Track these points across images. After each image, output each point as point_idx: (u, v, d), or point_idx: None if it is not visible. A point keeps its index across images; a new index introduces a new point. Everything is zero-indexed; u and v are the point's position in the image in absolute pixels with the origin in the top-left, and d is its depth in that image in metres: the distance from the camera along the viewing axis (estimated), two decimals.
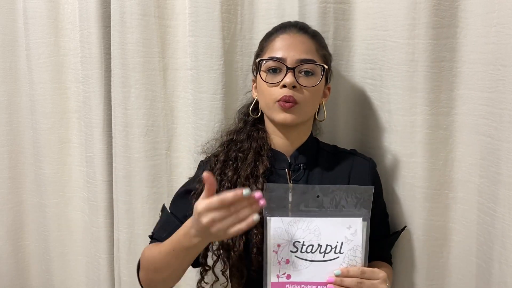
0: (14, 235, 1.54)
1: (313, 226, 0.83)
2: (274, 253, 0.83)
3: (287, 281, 0.83)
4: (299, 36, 0.99)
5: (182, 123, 1.28)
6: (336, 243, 0.83)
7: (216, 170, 1.02)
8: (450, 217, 1.08)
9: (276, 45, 0.99)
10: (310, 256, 0.83)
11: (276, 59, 0.97)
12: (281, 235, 0.83)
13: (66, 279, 1.51)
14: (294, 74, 0.95)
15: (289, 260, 0.83)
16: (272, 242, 0.83)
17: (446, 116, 1.04)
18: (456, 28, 1.01)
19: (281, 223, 0.83)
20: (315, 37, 1.02)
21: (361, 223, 0.83)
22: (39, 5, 1.36)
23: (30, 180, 1.52)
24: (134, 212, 1.30)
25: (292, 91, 0.95)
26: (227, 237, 0.79)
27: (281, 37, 0.99)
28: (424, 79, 1.02)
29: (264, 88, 0.98)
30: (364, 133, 1.17)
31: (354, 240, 0.83)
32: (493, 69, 0.96)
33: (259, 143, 1.03)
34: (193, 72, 1.21)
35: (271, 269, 0.83)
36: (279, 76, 0.96)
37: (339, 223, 0.83)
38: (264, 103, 1.00)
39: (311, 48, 0.99)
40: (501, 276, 0.96)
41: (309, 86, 0.96)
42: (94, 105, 1.33)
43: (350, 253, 0.83)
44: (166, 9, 1.24)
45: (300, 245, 0.83)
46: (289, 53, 0.96)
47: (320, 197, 0.84)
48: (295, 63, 0.96)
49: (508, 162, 0.93)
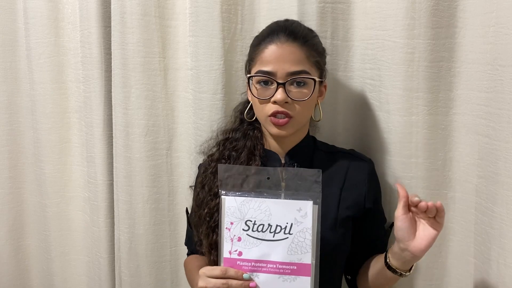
0: (15, 235, 1.55)
1: (264, 206, 0.86)
2: (227, 230, 0.86)
3: (238, 257, 0.86)
4: (288, 46, 0.94)
5: (182, 123, 1.29)
6: (286, 224, 0.85)
7: (210, 169, 1.04)
8: (448, 217, 1.08)
9: (265, 57, 0.94)
10: (261, 235, 0.86)
11: (266, 74, 0.94)
12: (234, 213, 0.86)
13: (66, 279, 1.51)
14: (285, 88, 0.93)
15: (241, 237, 0.86)
16: (225, 219, 0.86)
17: (444, 116, 1.05)
18: (455, 28, 1.02)
19: (235, 202, 0.87)
20: (306, 43, 0.96)
21: (311, 206, 0.85)
22: (39, 5, 1.36)
23: (30, 180, 1.52)
24: (134, 212, 1.31)
25: (283, 106, 0.94)
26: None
27: (270, 48, 0.94)
28: (423, 79, 1.03)
29: (256, 101, 0.98)
30: (363, 133, 1.17)
31: (303, 223, 0.85)
32: (491, 69, 0.96)
33: (253, 142, 1.03)
34: (194, 72, 1.22)
35: (224, 245, 0.86)
36: (270, 88, 0.95)
37: (289, 204, 0.85)
38: (258, 115, 1.00)
39: (302, 57, 0.94)
40: (499, 276, 0.97)
41: (301, 100, 0.94)
42: (94, 105, 1.34)
43: (300, 235, 0.85)
44: (167, 9, 1.24)
45: (252, 224, 0.86)
46: (279, 66, 0.93)
47: (271, 178, 0.87)
48: (286, 76, 0.93)
49: (506, 162, 0.93)
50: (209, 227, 0.99)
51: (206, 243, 1.00)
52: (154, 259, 1.34)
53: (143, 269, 1.34)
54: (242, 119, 1.08)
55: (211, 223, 0.99)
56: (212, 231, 0.99)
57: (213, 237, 0.98)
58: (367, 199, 1.01)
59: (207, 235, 1.00)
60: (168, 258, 1.35)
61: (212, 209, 1.00)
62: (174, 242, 1.35)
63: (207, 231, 1.00)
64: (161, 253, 1.34)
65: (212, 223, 0.99)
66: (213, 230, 0.99)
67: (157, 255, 1.34)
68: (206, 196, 1.02)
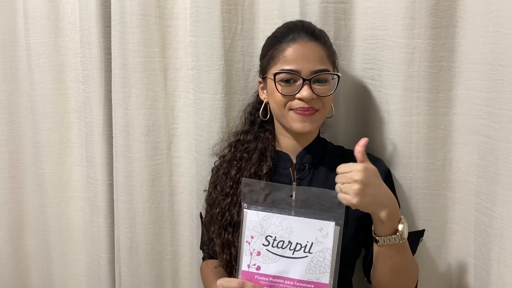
0: (15, 235, 1.55)
1: (285, 223, 0.86)
2: (247, 243, 0.87)
3: (256, 272, 0.86)
4: (311, 45, 0.97)
5: (183, 123, 1.29)
6: (306, 243, 0.85)
7: (222, 169, 1.05)
8: (448, 218, 1.08)
9: (289, 56, 0.96)
10: (281, 251, 0.86)
11: (292, 72, 0.95)
12: (255, 227, 0.87)
13: (66, 278, 1.51)
14: (310, 85, 0.94)
15: (260, 252, 0.87)
16: (246, 233, 0.87)
17: (444, 116, 1.05)
18: (455, 28, 1.02)
19: (256, 216, 0.87)
20: (325, 44, 0.99)
21: (333, 227, 0.85)
22: (39, 5, 1.36)
23: (30, 180, 1.52)
24: (134, 212, 1.31)
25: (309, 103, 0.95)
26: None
27: (293, 47, 0.96)
28: (423, 79, 1.03)
29: (278, 98, 0.98)
30: (363, 133, 1.17)
31: (324, 243, 0.85)
32: (491, 69, 0.96)
33: (264, 144, 1.04)
34: (194, 72, 1.22)
35: (243, 258, 0.87)
36: (293, 86, 0.96)
37: (311, 224, 0.86)
38: (278, 111, 1.00)
39: (323, 56, 0.97)
40: (499, 277, 0.97)
41: (326, 95, 0.96)
42: (94, 105, 1.34)
43: (319, 255, 0.85)
44: (167, 9, 1.24)
45: (272, 239, 0.86)
46: (304, 64, 0.95)
47: (294, 196, 0.87)
48: (310, 74, 0.95)
49: (506, 162, 0.93)
50: (221, 226, 1.01)
51: (218, 241, 1.02)
52: (154, 259, 1.34)
53: (143, 269, 1.34)
54: (252, 121, 1.09)
55: (223, 222, 1.00)
56: (224, 230, 1.00)
57: (225, 236, 0.99)
58: None
59: (220, 234, 1.01)
60: (168, 258, 1.35)
61: (224, 208, 1.01)
62: (175, 242, 1.35)
63: (220, 230, 1.01)
64: (161, 253, 1.34)
65: (224, 221, 1.00)
66: (225, 228, 1.00)
67: (157, 255, 1.34)
68: (218, 196, 1.04)
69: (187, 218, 1.32)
